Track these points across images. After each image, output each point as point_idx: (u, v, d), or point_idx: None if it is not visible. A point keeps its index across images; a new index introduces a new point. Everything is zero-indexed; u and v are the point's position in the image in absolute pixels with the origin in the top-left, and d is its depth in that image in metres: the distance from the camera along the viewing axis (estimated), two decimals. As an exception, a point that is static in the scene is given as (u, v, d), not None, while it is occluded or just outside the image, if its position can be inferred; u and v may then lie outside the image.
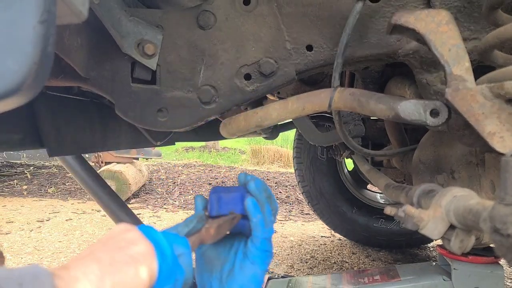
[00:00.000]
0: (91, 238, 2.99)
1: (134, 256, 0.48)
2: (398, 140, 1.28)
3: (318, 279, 1.65)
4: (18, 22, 0.34)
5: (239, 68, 0.81)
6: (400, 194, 0.77)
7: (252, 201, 0.70)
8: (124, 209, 1.64)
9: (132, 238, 0.51)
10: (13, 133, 0.96)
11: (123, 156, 4.63)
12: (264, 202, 0.71)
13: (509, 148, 0.56)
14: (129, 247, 0.49)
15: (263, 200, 0.71)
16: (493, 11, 0.64)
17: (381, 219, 2.73)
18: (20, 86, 0.35)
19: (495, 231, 0.38)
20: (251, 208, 0.69)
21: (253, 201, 0.70)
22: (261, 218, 0.69)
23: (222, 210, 0.71)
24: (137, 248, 0.50)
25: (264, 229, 0.69)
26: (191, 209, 3.99)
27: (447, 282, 1.41)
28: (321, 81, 1.40)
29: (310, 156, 2.81)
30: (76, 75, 0.77)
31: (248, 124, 0.80)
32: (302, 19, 0.78)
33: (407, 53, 0.76)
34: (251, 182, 0.71)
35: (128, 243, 0.50)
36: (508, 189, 0.38)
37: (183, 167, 6.41)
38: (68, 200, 4.24)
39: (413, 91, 0.84)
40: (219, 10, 0.79)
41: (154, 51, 0.79)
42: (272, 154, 7.81)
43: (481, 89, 0.58)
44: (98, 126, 1.26)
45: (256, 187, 0.71)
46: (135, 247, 0.50)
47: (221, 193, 0.72)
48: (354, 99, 0.69)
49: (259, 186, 0.72)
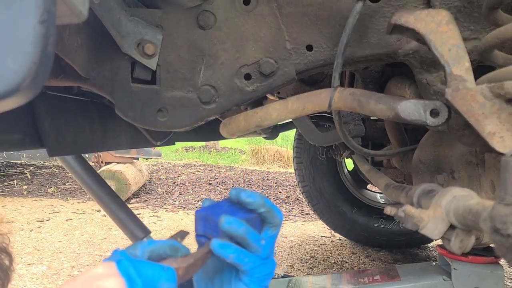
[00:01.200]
0: (91, 238, 2.99)
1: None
2: (398, 140, 1.28)
3: (318, 279, 1.65)
4: (18, 22, 0.34)
5: (239, 68, 0.81)
6: (400, 194, 0.77)
7: (218, 245, 0.62)
8: (124, 209, 1.64)
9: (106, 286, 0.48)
10: (13, 133, 0.96)
11: (123, 156, 4.63)
12: (243, 234, 0.62)
13: (509, 148, 0.56)
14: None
15: (241, 233, 0.62)
16: (493, 11, 0.64)
17: (381, 219, 2.73)
18: (20, 86, 0.35)
19: (495, 231, 0.38)
20: (219, 252, 0.61)
21: (218, 244, 0.62)
22: (236, 256, 0.62)
23: (207, 232, 0.66)
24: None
25: (245, 262, 0.62)
26: (191, 209, 3.99)
27: (447, 282, 1.41)
28: (321, 81, 1.40)
29: (310, 156, 2.81)
30: (76, 75, 0.77)
31: (248, 124, 0.80)
32: (302, 19, 0.78)
33: (407, 53, 0.76)
34: (223, 218, 0.62)
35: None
36: (508, 189, 0.38)
37: (183, 167, 6.41)
38: (68, 200, 4.24)
39: (413, 91, 0.84)
40: (219, 10, 0.79)
41: (154, 51, 0.79)
42: (272, 154, 7.81)
43: (481, 89, 0.57)
44: (98, 126, 1.26)
45: (228, 224, 0.61)
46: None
47: (208, 212, 0.67)
48: (354, 99, 0.69)
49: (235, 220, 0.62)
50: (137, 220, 1.66)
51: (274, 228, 0.68)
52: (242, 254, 0.63)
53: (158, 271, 0.53)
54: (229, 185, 5.12)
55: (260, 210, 0.65)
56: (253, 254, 0.64)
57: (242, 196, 0.65)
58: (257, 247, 0.63)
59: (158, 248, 0.60)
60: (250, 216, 0.66)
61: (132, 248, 0.59)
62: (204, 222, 0.67)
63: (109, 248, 2.80)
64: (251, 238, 0.63)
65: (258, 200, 0.65)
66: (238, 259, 0.62)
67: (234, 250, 0.62)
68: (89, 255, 2.64)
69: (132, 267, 0.51)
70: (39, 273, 2.34)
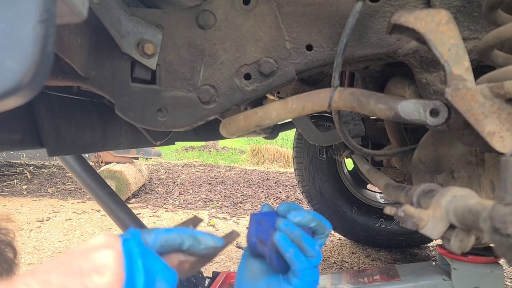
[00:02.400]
0: (91, 238, 2.99)
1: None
2: (398, 140, 1.28)
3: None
4: (18, 21, 0.34)
5: (239, 67, 0.81)
6: (400, 194, 0.77)
7: (282, 236, 0.64)
8: (124, 209, 1.64)
9: (102, 262, 0.42)
10: (13, 133, 0.96)
11: (123, 156, 4.63)
12: (298, 236, 0.64)
13: (509, 148, 0.56)
14: (91, 275, 0.40)
15: (297, 236, 0.64)
16: (493, 10, 0.64)
17: (381, 219, 2.73)
18: (19, 85, 0.35)
19: (494, 231, 0.38)
20: (281, 244, 0.64)
21: (282, 236, 0.64)
22: (295, 252, 0.64)
23: (258, 235, 0.68)
24: (101, 281, 0.40)
25: (301, 261, 0.64)
26: (191, 209, 3.99)
27: (447, 282, 1.41)
28: (321, 81, 1.40)
29: (310, 156, 2.81)
30: (76, 74, 0.77)
31: (248, 124, 0.80)
32: (302, 19, 0.78)
33: (407, 53, 0.76)
34: (280, 220, 0.65)
35: (93, 269, 0.41)
36: (508, 189, 0.38)
37: (183, 167, 6.41)
38: (68, 200, 4.24)
39: (413, 91, 0.84)
40: (219, 10, 0.79)
41: (153, 50, 0.79)
42: (272, 154, 7.81)
43: (481, 88, 0.58)
44: (98, 126, 1.26)
45: (285, 225, 0.64)
46: (99, 279, 0.40)
47: (264, 216, 0.70)
48: (354, 98, 0.69)
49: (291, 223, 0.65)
50: (137, 220, 1.67)
51: (324, 238, 0.70)
52: (300, 252, 0.64)
53: (160, 267, 0.48)
54: (228, 184, 5.12)
55: (311, 225, 0.67)
56: (308, 257, 0.65)
57: (290, 217, 0.66)
58: (312, 252, 0.65)
59: (173, 239, 0.54)
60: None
61: (147, 232, 0.53)
62: (258, 225, 0.69)
63: (109, 248, 2.80)
64: (307, 242, 0.64)
65: (306, 217, 0.66)
66: (296, 257, 0.63)
67: (295, 246, 0.64)
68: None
69: (138, 251, 0.46)
70: (39, 273, 2.34)
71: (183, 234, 0.55)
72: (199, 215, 3.72)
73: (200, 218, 0.69)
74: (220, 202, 4.27)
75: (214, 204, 4.18)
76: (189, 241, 0.55)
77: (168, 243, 0.54)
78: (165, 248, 0.54)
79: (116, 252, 0.44)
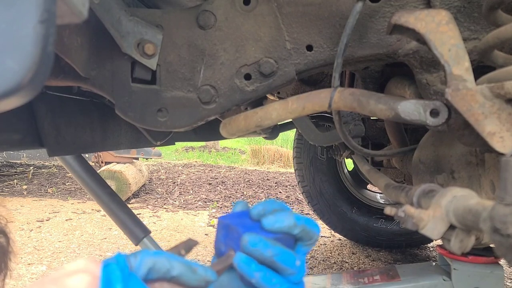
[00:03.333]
0: (91, 238, 2.99)
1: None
2: (398, 140, 1.28)
3: (318, 279, 1.65)
4: (18, 21, 0.34)
5: (239, 68, 0.81)
6: (400, 194, 0.77)
7: (243, 260, 0.52)
8: (124, 209, 1.64)
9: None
10: (13, 133, 0.96)
11: (123, 156, 4.63)
12: (270, 257, 0.51)
13: (509, 148, 0.56)
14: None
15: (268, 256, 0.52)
16: (493, 11, 0.64)
17: (381, 219, 2.73)
18: (20, 85, 0.35)
19: (495, 231, 0.38)
20: (243, 268, 0.52)
21: (243, 259, 0.52)
22: (262, 276, 0.52)
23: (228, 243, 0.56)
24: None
25: (272, 284, 0.52)
26: (191, 209, 3.99)
27: (447, 282, 1.41)
28: (321, 81, 1.40)
29: (310, 156, 2.81)
30: (76, 74, 0.77)
31: (248, 124, 0.80)
32: (302, 19, 0.78)
33: (407, 53, 0.76)
34: (247, 236, 0.52)
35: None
36: (508, 189, 0.38)
37: (183, 167, 6.41)
38: (68, 200, 4.24)
39: (413, 91, 0.84)
40: (219, 10, 0.79)
41: (154, 51, 0.79)
42: (272, 154, 7.81)
43: (481, 89, 0.58)
44: (98, 126, 1.26)
45: (251, 245, 0.51)
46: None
47: (233, 221, 0.57)
48: (354, 99, 0.69)
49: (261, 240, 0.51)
50: (137, 220, 1.66)
51: (310, 245, 0.59)
52: (270, 273, 0.52)
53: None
54: (229, 185, 5.12)
55: (293, 232, 0.55)
56: (283, 276, 0.53)
57: (265, 225, 0.54)
58: (290, 270, 0.53)
59: (161, 263, 0.46)
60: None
61: (133, 256, 0.46)
62: (227, 232, 0.57)
63: (109, 248, 2.80)
64: (282, 261, 0.52)
65: (286, 223, 0.54)
66: (264, 279, 0.52)
67: (261, 268, 0.52)
68: (89, 255, 2.64)
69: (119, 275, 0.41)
70: (39, 273, 2.34)
71: (173, 259, 0.47)
72: (199, 215, 3.72)
73: (195, 241, 0.57)
74: (220, 203, 4.27)
75: (214, 204, 4.18)
76: (179, 268, 0.46)
77: (156, 266, 0.46)
78: (152, 273, 0.46)
79: (92, 277, 0.40)
